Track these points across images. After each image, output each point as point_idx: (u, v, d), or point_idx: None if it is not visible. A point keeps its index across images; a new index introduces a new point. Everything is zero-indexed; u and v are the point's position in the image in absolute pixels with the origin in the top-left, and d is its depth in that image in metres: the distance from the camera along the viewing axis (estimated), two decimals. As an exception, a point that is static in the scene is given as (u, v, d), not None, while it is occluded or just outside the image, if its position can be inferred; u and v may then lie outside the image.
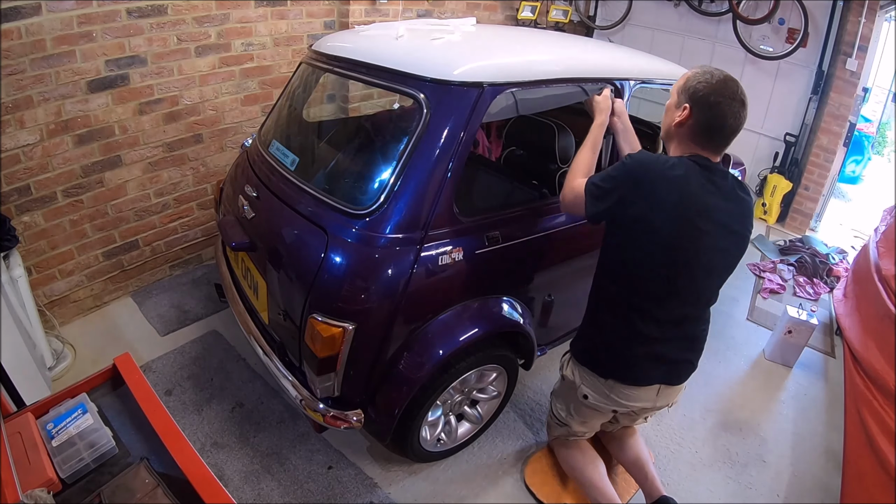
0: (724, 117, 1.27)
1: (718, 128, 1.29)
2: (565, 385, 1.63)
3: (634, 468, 1.73)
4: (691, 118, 1.30)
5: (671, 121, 1.36)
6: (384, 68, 1.55)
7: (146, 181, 2.44)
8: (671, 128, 1.36)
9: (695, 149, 1.33)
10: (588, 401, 1.53)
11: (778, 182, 3.97)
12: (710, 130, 1.30)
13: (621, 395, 1.46)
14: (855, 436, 2.05)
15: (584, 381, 1.52)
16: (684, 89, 1.33)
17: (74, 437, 1.21)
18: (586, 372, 1.51)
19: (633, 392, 1.45)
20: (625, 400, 1.47)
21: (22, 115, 1.94)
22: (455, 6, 3.42)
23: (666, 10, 4.23)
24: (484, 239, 1.56)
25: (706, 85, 1.28)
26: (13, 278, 1.88)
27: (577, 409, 1.62)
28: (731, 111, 1.27)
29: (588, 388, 1.51)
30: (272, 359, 1.66)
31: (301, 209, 1.56)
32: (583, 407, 1.58)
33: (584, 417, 1.63)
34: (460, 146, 1.43)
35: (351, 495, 1.73)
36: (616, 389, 1.46)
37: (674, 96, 1.37)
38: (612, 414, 1.60)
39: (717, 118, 1.28)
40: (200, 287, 2.66)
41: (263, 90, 2.72)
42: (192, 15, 2.31)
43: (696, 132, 1.31)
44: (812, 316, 2.48)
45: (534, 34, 2.61)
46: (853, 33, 3.41)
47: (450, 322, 1.55)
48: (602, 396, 1.49)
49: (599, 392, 1.49)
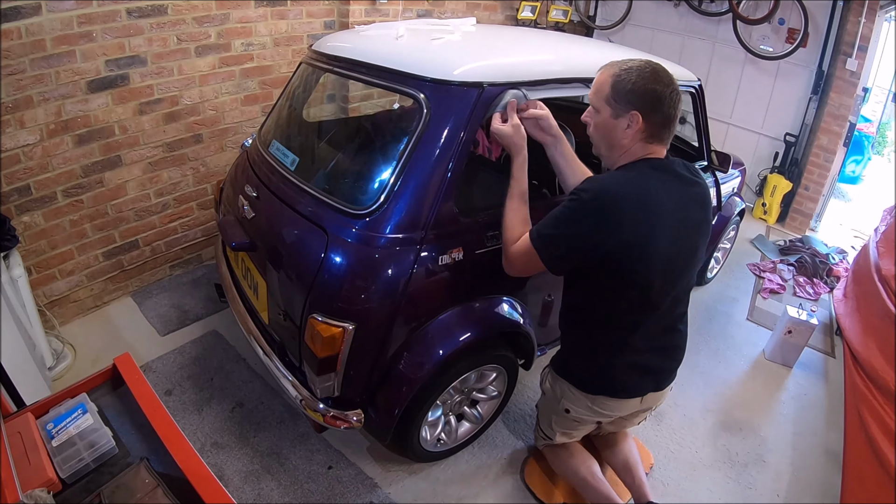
0: (673, 107, 1.20)
1: (670, 121, 1.22)
2: (546, 399, 1.61)
3: (623, 472, 1.72)
4: (644, 121, 1.20)
5: (618, 136, 1.24)
6: (384, 68, 1.55)
7: (146, 181, 2.44)
8: (618, 142, 1.25)
9: (643, 151, 1.25)
10: (570, 414, 1.52)
11: (778, 182, 3.98)
12: (662, 127, 1.22)
13: (605, 406, 1.45)
14: (855, 436, 2.05)
15: (565, 396, 1.50)
16: (619, 95, 1.21)
17: (74, 437, 1.21)
18: (568, 386, 1.48)
19: (617, 403, 1.44)
20: (608, 411, 1.46)
21: (22, 115, 1.94)
22: (455, 6, 3.42)
23: (666, 10, 4.23)
24: (484, 239, 1.56)
25: (643, 81, 1.18)
26: (13, 278, 1.88)
27: (560, 422, 1.60)
28: (675, 98, 1.20)
29: (570, 402, 1.49)
30: (272, 359, 1.66)
31: (301, 209, 1.56)
32: (565, 420, 1.56)
33: (567, 429, 1.62)
34: (460, 146, 1.43)
35: (351, 495, 1.73)
36: (600, 402, 1.44)
37: (604, 108, 1.24)
38: (597, 424, 1.60)
39: (668, 112, 1.20)
40: (200, 287, 2.66)
41: (263, 90, 2.72)
42: (192, 15, 2.31)
43: (648, 135, 1.23)
44: (812, 316, 2.48)
45: (534, 34, 2.61)
46: (853, 33, 3.41)
47: (450, 322, 1.55)
48: (585, 409, 1.48)
49: (582, 405, 1.47)
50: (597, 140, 1.32)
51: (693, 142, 2.59)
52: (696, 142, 2.49)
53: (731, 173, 2.66)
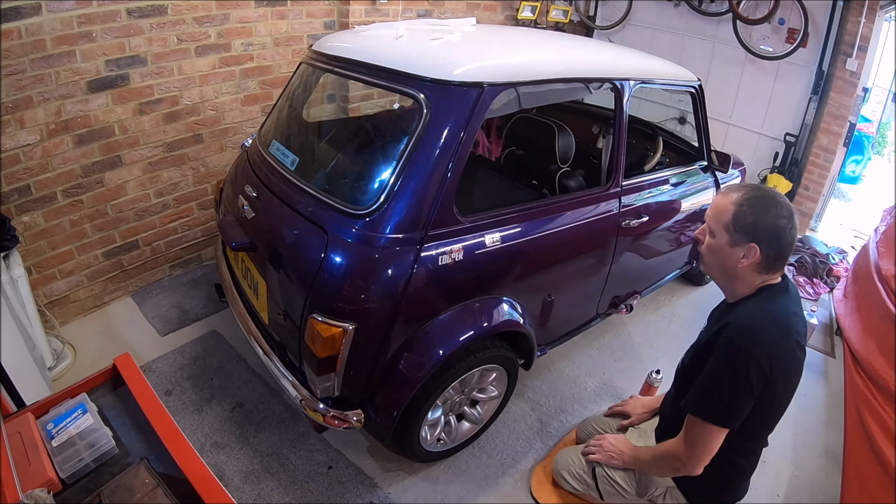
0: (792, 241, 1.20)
1: (788, 250, 1.21)
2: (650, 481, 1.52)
3: None
4: (761, 254, 1.20)
5: (732, 264, 1.24)
6: (384, 68, 1.55)
7: (146, 181, 2.44)
8: (733, 269, 1.25)
9: (760, 281, 1.26)
10: None
11: (778, 182, 3.97)
12: (776, 261, 1.22)
13: None
14: (855, 436, 2.05)
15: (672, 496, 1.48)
16: (739, 224, 1.20)
17: (74, 437, 1.21)
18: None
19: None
20: None
21: (22, 115, 1.94)
22: (455, 6, 3.42)
23: (666, 10, 4.23)
24: (484, 239, 1.56)
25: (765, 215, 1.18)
26: (13, 278, 1.88)
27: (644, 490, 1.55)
28: (794, 232, 1.19)
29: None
30: (272, 359, 1.66)
31: (301, 209, 1.56)
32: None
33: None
34: (460, 146, 1.43)
35: (351, 495, 1.73)
36: None
37: (721, 234, 1.24)
38: None
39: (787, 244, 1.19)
40: (200, 287, 2.66)
41: (263, 90, 2.72)
42: (192, 15, 2.31)
43: (763, 267, 1.23)
44: (812, 316, 2.48)
45: (534, 34, 2.61)
46: (853, 33, 3.41)
47: (450, 322, 1.55)
48: None
49: None
50: (708, 260, 1.32)
51: (693, 142, 2.60)
52: (697, 142, 2.50)
53: (731, 173, 2.66)
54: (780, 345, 1.20)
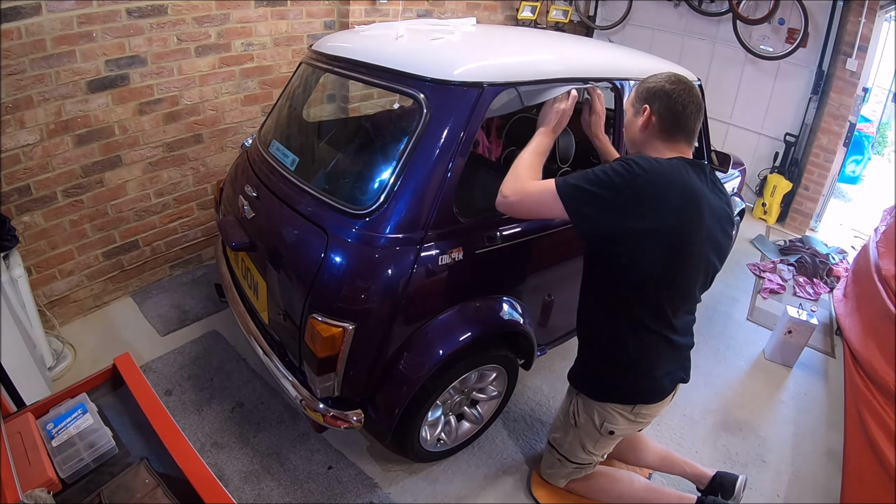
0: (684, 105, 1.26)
1: (679, 113, 1.27)
2: (582, 430, 1.52)
3: (666, 464, 1.72)
4: (653, 115, 1.29)
5: (636, 130, 1.34)
6: (384, 68, 1.55)
7: (146, 181, 2.44)
8: (637, 136, 1.34)
9: (666, 149, 1.30)
10: (615, 434, 1.49)
11: (778, 182, 3.98)
12: (676, 122, 1.28)
13: (646, 411, 1.44)
14: (855, 436, 2.05)
15: (607, 418, 1.45)
16: (636, 97, 1.33)
17: (74, 437, 1.21)
18: (608, 407, 1.44)
19: (657, 405, 1.44)
20: (650, 413, 1.46)
21: (22, 115, 1.94)
22: (455, 6, 3.42)
23: (666, 10, 4.24)
24: (484, 239, 1.56)
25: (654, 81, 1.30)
26: (13, 278, 1.88)
27: (602, 444, 1.54)
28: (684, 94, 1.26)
29: (612, 423, 1.45)
30: (272, 359, 1.66)
31: (301, 209, 1.56)
32: (608, 440, 1.53)
33: (606, 448, 1.58)
34: (460, 146, 1.43)
35: (351, 495, 1.73)
36: (640, 410, 1.43)
37: (629, 111, 1.36)
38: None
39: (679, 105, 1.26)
40: (200, 287, 2.66)
41: (263, 90, 2.72)
42: (192, 15, 2.31)
43: (662, 128, 1.29)
44: (812, 316, 2.48)
45: (534, 34, 2.61)
46: (853, 33, 3.42)
47: (450, 322, 1.55)
48: (628, 423, 1.45)
49: (625, 420, 1.45)
50: (625, 139, 1.40)
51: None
52: (696, 141, 2.49)
53: (731, 173, 2.66)
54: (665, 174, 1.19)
